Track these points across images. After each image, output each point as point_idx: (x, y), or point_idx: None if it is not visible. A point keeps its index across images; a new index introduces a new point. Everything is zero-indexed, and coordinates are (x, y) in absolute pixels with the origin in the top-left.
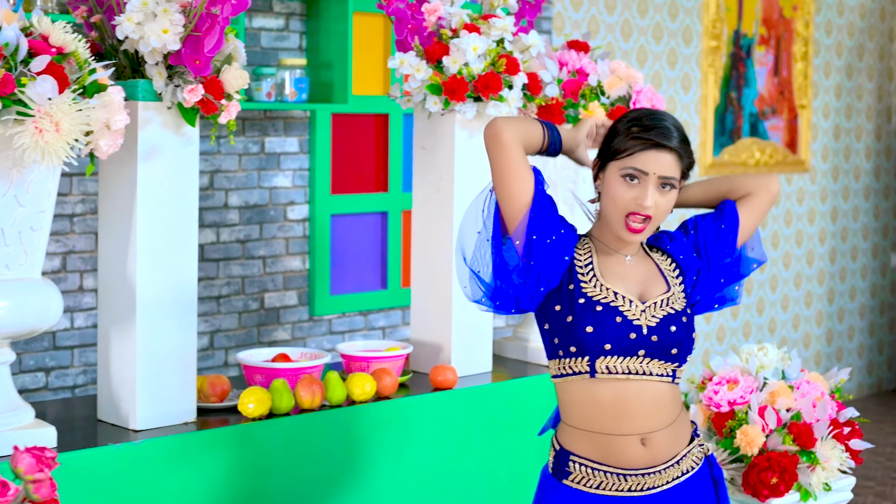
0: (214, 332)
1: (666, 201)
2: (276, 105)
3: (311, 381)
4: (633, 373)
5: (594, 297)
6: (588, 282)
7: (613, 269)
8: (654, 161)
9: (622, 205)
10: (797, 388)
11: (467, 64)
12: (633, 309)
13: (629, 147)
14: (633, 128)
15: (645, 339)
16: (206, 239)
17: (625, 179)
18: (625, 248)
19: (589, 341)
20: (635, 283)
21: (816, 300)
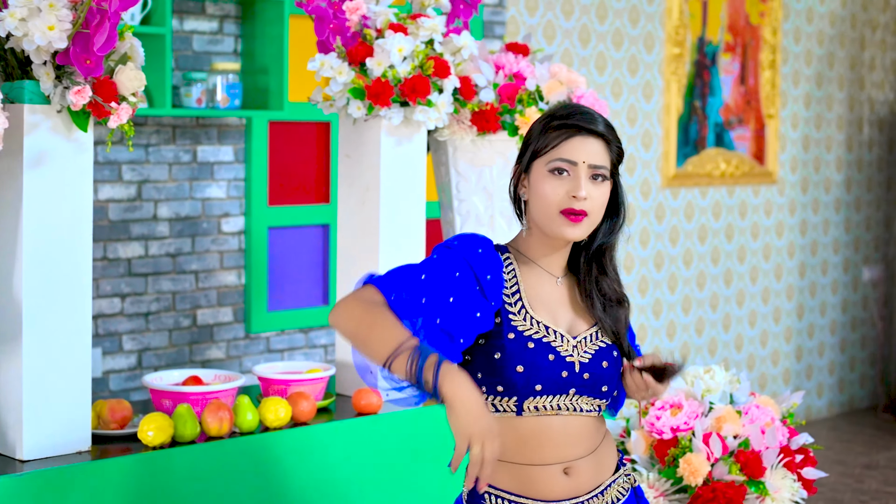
0: (143, 351)
1: (600, 194)
2: (208, 112)
3: (218, 407)
4: (561, 409)
5: (525, 333)
6: (517, 314)
7: (541, 294)
8: (582, 148)
9: (556, 201)
10: (745, 413)
11: (392, 66)
12: (564, 344)
13: (551, 140)
14: (552, 122)
15: (577, 376)
16: (133, 253)
17: (553, 175)
18: (555, 262)
19: (519, 382)
20: (564, 312)
21: (785, 316)
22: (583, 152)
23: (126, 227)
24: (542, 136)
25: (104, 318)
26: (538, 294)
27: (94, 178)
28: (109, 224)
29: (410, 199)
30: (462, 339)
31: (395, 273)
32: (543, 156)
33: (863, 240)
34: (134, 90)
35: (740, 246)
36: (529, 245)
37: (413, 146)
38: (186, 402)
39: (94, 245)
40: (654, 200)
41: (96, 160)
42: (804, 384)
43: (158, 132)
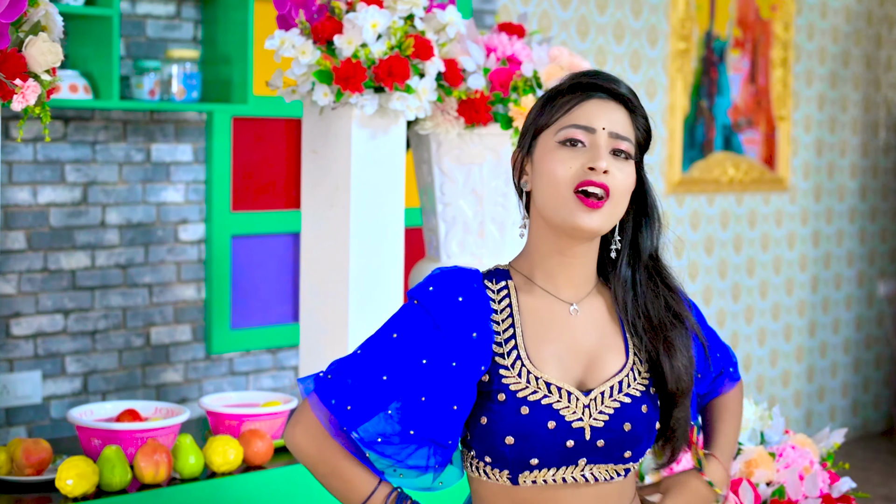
0: (89, 374)
1: (626, 175)
2: (162, 105)
3: (154, 449)
4: (568, 481)
5: (518, 393)
6: (510, 367)
7: (547, 334)
8: (601, 112)
9: (568, 176)
10: (780, 456)
11: (365, 45)
12: (571, 405)
13: (561, 106)
14: (563, 85)
15: (587, 445)
16: (78, 263)
17: (564, 146)
18: (570, 281)
19: (510, 455)
20: (577, 357)
21: (796, 333)
22: (603, 117)
23: (70, 235)
24: (547, 107)
25: (45, 336)
26: (542, 334)
27: (34, 180)
28: (51, 231)
29: (387, 202)
30: (450, 440)
31: (347, 370)
32: (551, 126)
33: (879, 252)
34: (48, 66)
35: (749, 258)
36: (533, 259)
37: (389, 140)
38: (117, 442)
39: (33, 255)
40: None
41: (35, 159)
42: (815, 406)
43: (107, 128)
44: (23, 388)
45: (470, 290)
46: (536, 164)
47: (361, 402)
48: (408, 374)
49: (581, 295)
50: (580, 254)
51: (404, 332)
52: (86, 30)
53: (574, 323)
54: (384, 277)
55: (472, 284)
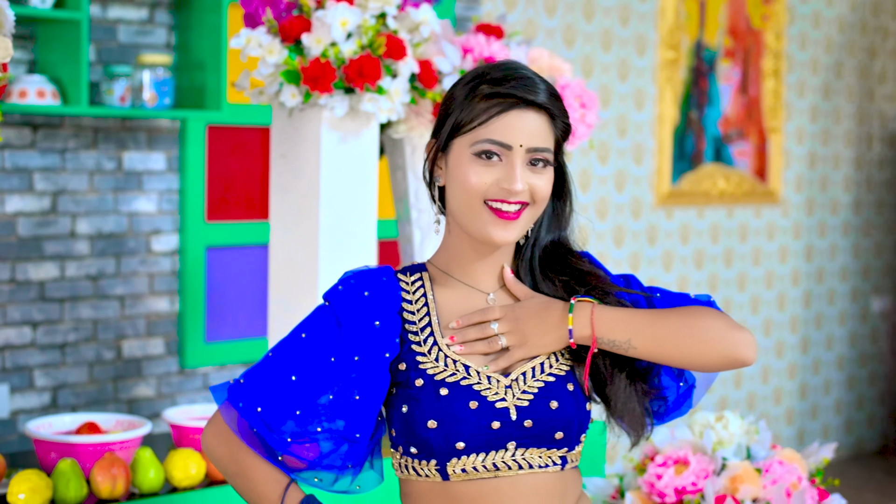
0: (58, 388)
1: (544, 183)
2: (133, 112)
3: (111, 462)
4: (501, 469)
5: (437, 376)
6: (427, 353)
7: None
8: (519, 127)
9: (481, 189)
10: (766, 472)
11: (334, 44)
12: (493, 386)
13: (479, 112)
14: (481, 85)
15: (514, 425)
16: (47, 274)
17: (479, 159)
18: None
19: (434, 441)
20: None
21: (789, 350)
22: (520, 132)
23: (38, 245)
24: (466, 104)
25: (12, 349)
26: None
27: (1, 188)
28: (18, 241)
29: (358, 209)
30: (359, 433)
31: (258, 374)
32: (468, 133)
33: (873, 267)
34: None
35: (740, 273)
36: (450, 253)
37: (361, 144)
38: (74, 455)
39: (0, 265)
40: (645, 221)
41: (2, 166)
42: (808, 424)
43: (77, 135)
44: None
45: (378, 284)
46: (451, 167)
47: (271, 403)
48: (315, 373)
49: (497, 284)
50: (499, 250)
51: (311, 333)
52: (54, 34)
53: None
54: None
55: (381, 279)
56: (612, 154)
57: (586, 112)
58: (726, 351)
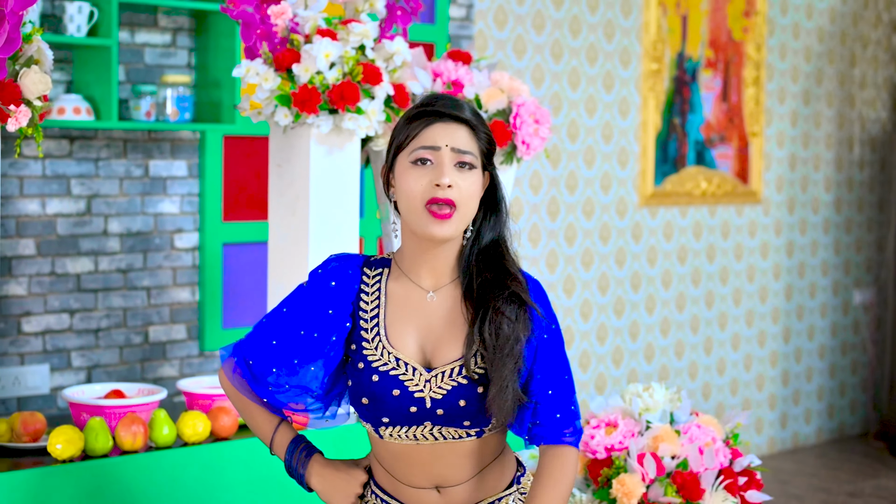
0: (93, 368)
1: (469, 183)
2: (157, 125)
3: (132, 420)
4: (419, 439)
5: (373, 363)
6: (370, 341)
7: (406, 316)
8: (443, 133)
9: (419, 192)
10: (685, 433)
11: (320, 72)
12: (415, 378)
13: (411, 130)
14: (412, 111)
15: (429, 412)
16: (83, 268)
17: (416, 166)
18: (430, 272)
19: (366, 412)
20: (428, 338)
21: (770, 339)
22: (446, 137)
23: (75, 242)
24: (402, 129)
25: (52, 333)
26: (401, 315)
27: (42, 193)
28: (58, 239)
29: (342, 209)
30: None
31: (253, 336)
32: (405, 148)
33: (853, 262)
34: (39, 94)
35: (722, 267)
36: (404, 254)
37: (345, 155)
38: (102, 415)
39: (42, 260)
40: (630, 220)
41: (44, 174)
42: (791, 410)
43: (109, 146)
44: (33, 380)
45: (344, 276)
46: (397, 180)
47: (258, 360)
48: (288, 341)
49: (440, 284)
50: (439, 249)
51: (290, 308)
52: (88, 58)
53: (430, 308)
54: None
55: (348, 271)
56: (598, 158)
57: (539, 127)
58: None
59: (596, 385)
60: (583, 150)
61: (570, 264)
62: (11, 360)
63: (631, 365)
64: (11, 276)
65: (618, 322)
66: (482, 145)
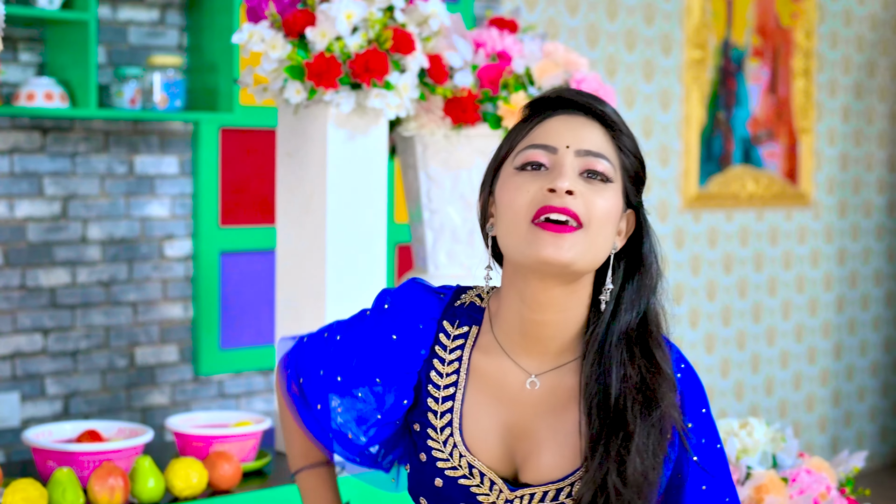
0: (70, 396)
1: (604, 201)
2: (144, 114)
3: (109, 471)
4: None
5: (438, 462)
6: (439, 432)
7: (491, 405)
8: (566, 129)
9: (524, 203)
10: (793, 481)
11: (340, 38)
12: (493, 495)
13: (523, 129)
14: (525, 107)
15: None
16: (58, 280)
17: (523, 171)
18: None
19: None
20: (520, 442)
21: (821, 356)
22: (567, 134)
23: (49, 251)
24: (509, 137)
25: (23, 357)
26: (487, 404)
27: (10, 193)
28: (28, 247)
29: (367, 208)
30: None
31: (309, 350)
32: (511, 153)
33: None
34: None
35: (771, 277)
36: (501, 315)
37: (369, 142)
38: (72, 464)
39: (10, 271)
40: (672, 224)
41: (11, 171)
42: (842, 432)
43: (87, 139)
44: (0, 411)
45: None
46: (497, 198)
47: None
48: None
49: (546, 366)
50: (552, 306)
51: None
52: (62, 35)
53: (528, 399)
54: (364, 294)
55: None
56: None
57: None
58: None
59: None
60: None
61: None
62: None
63: None
64: None
65: None
66: (626, 160)
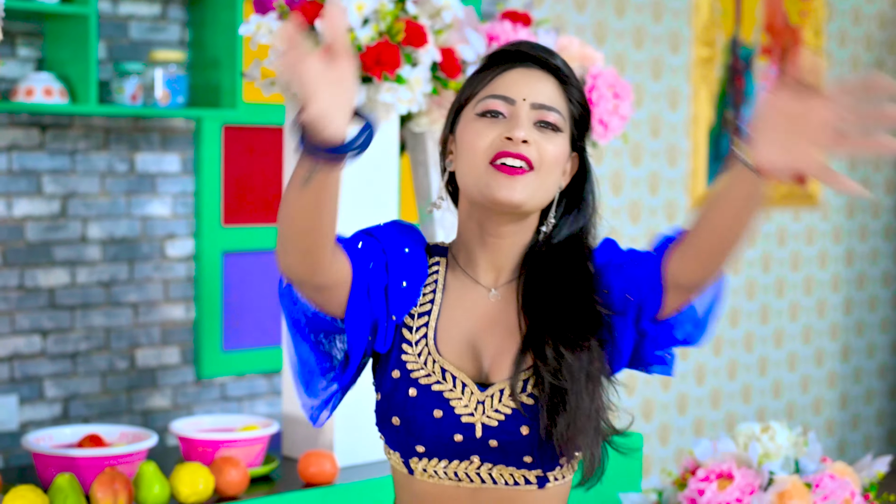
0: (69, 399)
1: (553, 147)
2: (145, 111)
3: (112, 478)
4: (462, 479)
5: (413, 374)
6: (414, 344)
7: (463, 319)
8: (523, 83)
9: (484, 147)
10: (817, 487)
11: (351, 30)
12: (465, 398)
13: (484, 78)
14: (485, 56)
15: (478, 443)
16: (57, 280)
17: (483, 118)
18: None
19: (395, 438)
20: (489, 347)
21: (829, 358)
22: (524, 87)
23: (48, 251)
24: (471, 80)
25: (21, 359)
26: (459, 319)
27: (9, 191)
28: (27, 246)
29: (377, 206)
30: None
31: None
32: (472, 100)
33: None
34: None
35: (778, 279)
36: (460, 240)
37: (380, 137)
38: (74, 470)
39: (8, 272)
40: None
41: (10, 168)
42: (849, 436)
43: (87, 136)
44: None
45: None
46: (458, 141)
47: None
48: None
49: (503, 280)
50: (505, 234)
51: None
52: (62, 30)
53: (492, 310)
54: None
55: (419, 244)
56: (646, 155)
57: (619, 103)
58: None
59: (643, 412)
60: (629, 146)
61: None
62: None
63: (680, 388)
64: None
65: None
66: (574, 109)
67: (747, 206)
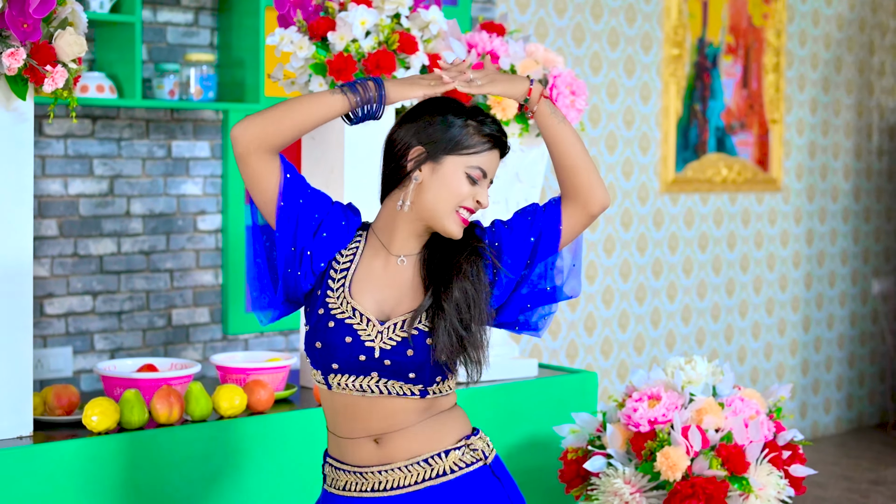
0: (115, 350)
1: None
2: (180, 104)
3: (168, 393)
4: (367, 391)
5: (332, 311)
6: (335, 290)
7: (373, 276)
8: (493, 164)
9: (460, 197)
10: (728, 405)
11: (355, 40)
12: (368, 328)
13: (476, 144)
14: (473, 122)
15: (376, 362)
16: (105, 249)
17: (468, 178)
18: (408, 244)
19: (317, 358)
20: (391, 296)
21: (790, 328)
22: (492, 168)
23: (98, 223)
24: (464, 133)
25: (75, 316)
26: (370, 276)
27: (65, 173)
28: (80, 220)
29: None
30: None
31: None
32: (463, 156)
33: (872, 251)
34: (74, 56)
35: (743, 255)
36: (383, 220)
37: (379, 125)
38: (136, 388)
39: (64, 241)
40: (652, 206)
41: (66, 153)
42: (811, 399)
43: (131, 126)
44: (55, 363)
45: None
46: (442, 174)
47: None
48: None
49: (409, 252)
50: (420, 222)
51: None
52: (111, 35)
53: (398, 273)
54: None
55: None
56: (620, 143)
57: (576, 98)
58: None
59: (618, 373)
60: (604, 135)
61: (593, 251)
62: (34, 343)
63: (652, 353)
64: (34, 258)
65: (639, 309)
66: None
67: (548, 133)
